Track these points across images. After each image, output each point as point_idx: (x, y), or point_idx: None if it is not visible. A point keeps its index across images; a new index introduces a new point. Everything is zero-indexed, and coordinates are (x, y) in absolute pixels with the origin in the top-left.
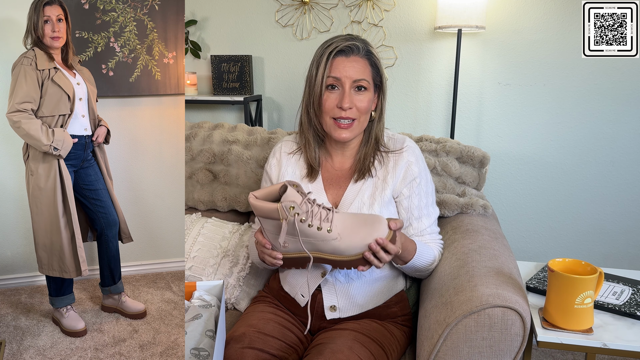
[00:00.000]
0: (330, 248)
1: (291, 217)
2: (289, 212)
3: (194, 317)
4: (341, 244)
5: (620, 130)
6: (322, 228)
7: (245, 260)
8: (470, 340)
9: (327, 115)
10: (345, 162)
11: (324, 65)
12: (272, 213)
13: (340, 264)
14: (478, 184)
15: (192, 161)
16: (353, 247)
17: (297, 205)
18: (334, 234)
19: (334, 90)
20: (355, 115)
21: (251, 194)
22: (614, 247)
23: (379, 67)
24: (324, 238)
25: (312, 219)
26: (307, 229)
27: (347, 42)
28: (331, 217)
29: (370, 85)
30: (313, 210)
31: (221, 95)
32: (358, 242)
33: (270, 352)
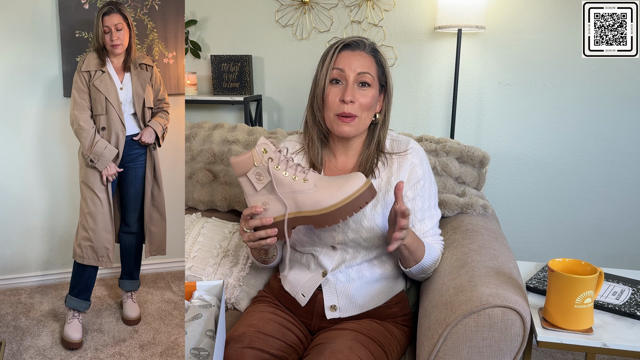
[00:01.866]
0: (310, 201)
1: (265, 162)
2: (262, 156)
3: (194, 317)
4: (317, 193)
5: (620, 130)
6: (297, 178)
7: (245, 260)
8: (470, 340)
9: (331, 111)
10: (348, 162)
11: (330, 59)
12: (248, 162)
13: (322, 219)
14: (478, 184)
15: (192, 161)
16: (332, 196)
17: (271, 150)
18: (309, 184)
19: (338, 84)
20: (357, 112)
21: (231, 157)
22: (614, 247)
23: (385, 67)
24: (300, 188)
25: (287, 168)
26: (282, 178)
27: (353, 38)
28: (307, 172)
29: (375, 82)
30: (288, 160)
31: (221, 95)
32: (335, 190)
33: (270, 352)
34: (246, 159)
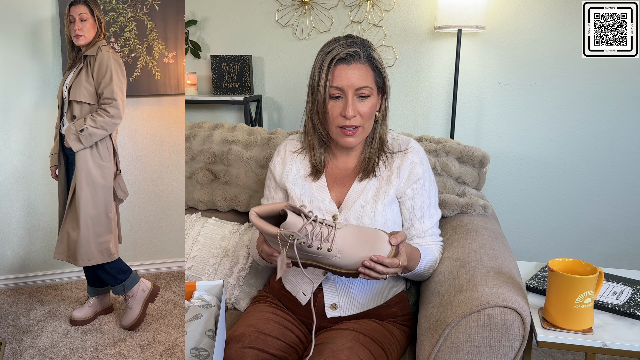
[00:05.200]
0: (329, 262)
1: (291, 241)
2: (288, 239)
3: (194, 317)
4: (340, 261)
5: (620, 130)
6: (322, 248)
7: (245, 260)
8: (470, 340)
9: (333, 124)
10: (349, 162)
11: (326, 75)
12: (271, 237)
13: (339, 273)
14: (478, 184)
15: (192, 161)
16: (352, 264)
17: (297, 232)
18: (334, 252)
19: (338, 99)
20: (360, 123)
21: (252, 210)
22: (614, 247)
23: (381, 70)
24: (324, 255)
25: (313, 240)
26: (307, 249)
27: (347, 49)
28: (332, 236)
29: (373, 91)
30: (314, 232)
31: (221, 95)
32: (358, 260)
33: (270, 352)
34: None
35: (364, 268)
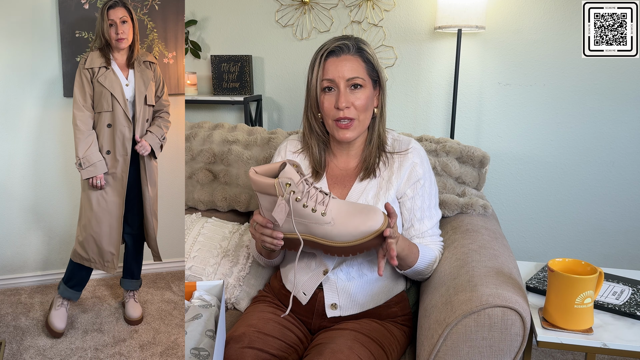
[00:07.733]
0: (322, 232)
1: (287, 195)
2: (285, 188)
3: (194, 317)
4: (333, 230)
5: (620, 130)
6: (316, 210)
7: (245, 260)
8: (470, 340)
9: (328, 118)
10: (350, 161)
11: (317, 69)
12: (269, 188)
13: (331, 249)
14: (478, 184)
15: (192, 161)
16: (345, 234)
17: (294, 183)
18: (327, 217)
19: (331, 92)
20: (354, 115)
21: (252, 168)
22: (614, 247)
23: (374, 63)
24: (317, 221)
25: (308, 199)
26: (301, 209)
27: (337, 42)
28: (327, 201)
29: (367, 82)
30: (310, 191)
31: (221, 95)
32: (351, 230)
33: (270, 351)
34: (267, 186)
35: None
